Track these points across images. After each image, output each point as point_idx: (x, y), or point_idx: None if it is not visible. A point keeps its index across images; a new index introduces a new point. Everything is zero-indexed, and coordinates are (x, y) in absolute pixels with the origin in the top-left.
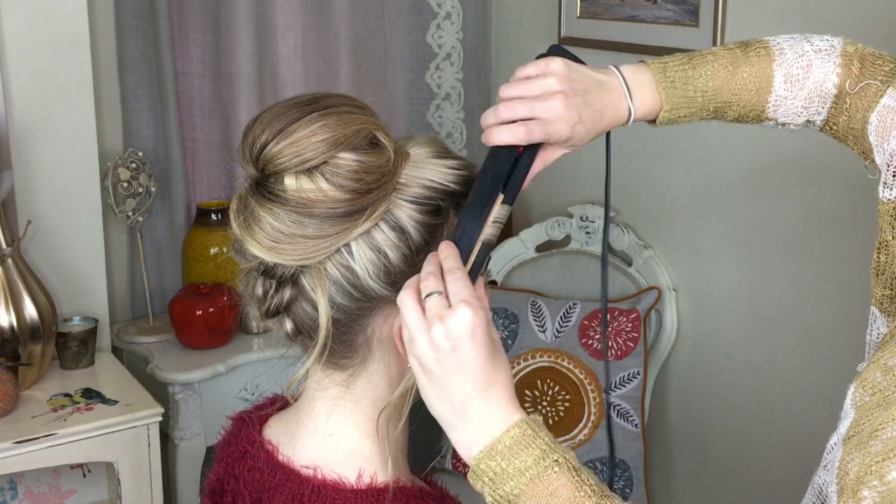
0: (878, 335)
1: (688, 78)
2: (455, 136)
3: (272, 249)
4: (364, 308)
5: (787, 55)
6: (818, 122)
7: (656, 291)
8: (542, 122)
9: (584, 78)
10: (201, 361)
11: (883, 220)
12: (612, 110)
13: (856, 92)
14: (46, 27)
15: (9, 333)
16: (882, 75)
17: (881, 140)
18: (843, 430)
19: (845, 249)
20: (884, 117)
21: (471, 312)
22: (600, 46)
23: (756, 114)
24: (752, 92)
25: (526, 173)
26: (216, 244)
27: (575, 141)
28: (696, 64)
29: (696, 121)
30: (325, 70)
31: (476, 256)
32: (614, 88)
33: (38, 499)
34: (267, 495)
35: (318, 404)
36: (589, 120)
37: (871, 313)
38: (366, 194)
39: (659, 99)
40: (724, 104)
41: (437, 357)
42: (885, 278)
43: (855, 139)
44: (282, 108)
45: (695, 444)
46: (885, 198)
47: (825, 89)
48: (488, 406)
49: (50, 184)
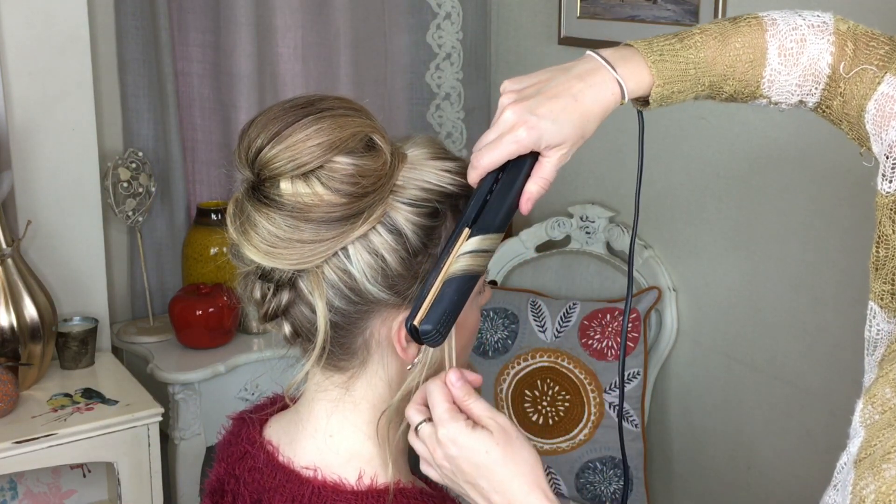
0: (877, 331)
1: (676, 50)
2: (455, 136)
3: (269, 254)
4: (362, 311)
5: (779, 27)
6: (811, 104)
7: (656, 291)
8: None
9: (538, 76)
10: (201, 361)
11: (882, 213)
12: (592, 91)
13: (851, 77)
14: (46, 27)
15: (9, 333)
16: (878, 59)
17: (879, 129)
18: (853, 451)
19: (845, 249)
20: (882, 106)
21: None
22: (600, 46)
23: (751, 90)
24: (747, 63)
25: (509, 194)
26: (216, 244)
27: (552, 139)
28: (682, 37)
29: (692, 98)
30: (325, 70)
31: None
32: (589, 70)
33: (38, 499)
34: (267, 496)
35: (318, 406)
36: (553, 112)
37: (870, 309)
38: (362, 198)
39: (650, 73)
40: (719, 77)
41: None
42: (884, 273)
43: (850, 125)
44: (277, 112)
45: (695, 444)
46: (885, 190)
47: (819, 68)
48: None
49: (50, 184)
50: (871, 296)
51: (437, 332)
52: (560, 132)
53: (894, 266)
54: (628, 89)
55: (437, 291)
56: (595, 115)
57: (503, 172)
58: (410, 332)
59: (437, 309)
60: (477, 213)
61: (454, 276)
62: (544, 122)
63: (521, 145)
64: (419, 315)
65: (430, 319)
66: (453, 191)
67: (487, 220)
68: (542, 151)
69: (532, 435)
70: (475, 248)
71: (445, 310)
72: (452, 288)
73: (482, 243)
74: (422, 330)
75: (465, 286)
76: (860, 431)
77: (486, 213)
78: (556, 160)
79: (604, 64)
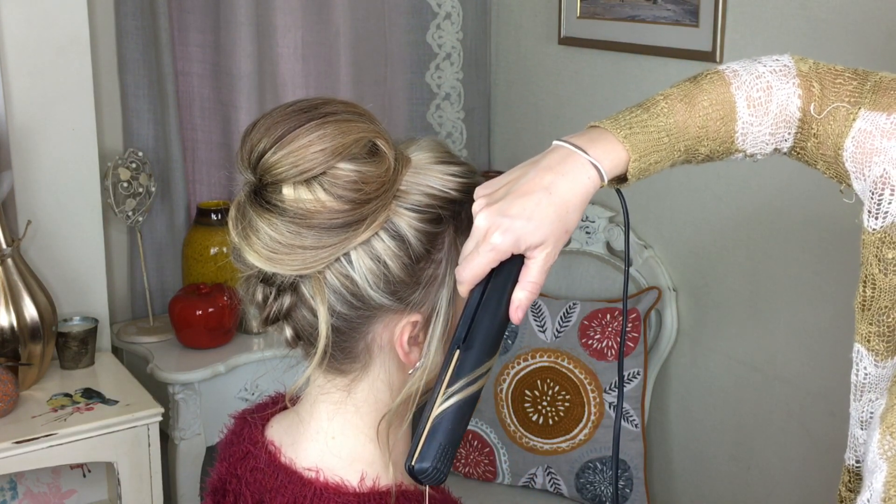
0: (864, 375)
1: (644, 121)
2: (455, 136)
3: (270, 259)
4: (364, 316)
5: (742, 77)
6: (785, 149)
7: (656, 291)
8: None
9: (509, 175)
10: (201, 361)
11: (868, 252)
12: (566, 180)
13: (823, 117)
14: (46, 27)
15: (9, 333)
16: (847, 96)
17: (860, 166)
18: (878, 487)
19: (846, 249)
20: (861, 143)
21: None
22: (600, 46)
23: (726, 146)
24: (718, 121)
25: (498, 308)
26: (216, 244)
27: (531, 239)
28: (647, 107)
29: (669, 167)
30: (325, 70)
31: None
32: (559, 159)
33: (38, 499)
34: (269, 496)
35: (321, 408)
36: (526, 210)
37: (857, 351)
38: (365, 204)
39: (623, 148)
40: (693, 140)
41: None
42: (871, 314)
43: (827, 164)
44: (280, 115)
45: (695, 444)
46: (871, 227)
47: (789, 113)
48: None
49: (50, 184)
50: (858, 338)
51: (436, 470)
52: (538, 230)
53: (881, 307)
54: (605, 170)
55: (430, 428)
56: (574, 205)
57: (489, 282)
58: (410, 474)
59: (432, 446)
60: (466, 332)
61: (448, 409)
62: (518, 221)
63: (498, 251)
64: (415, 455)
65: (427, 457)
66: (457, 196)
67: (478, 340)
68: (526, 253)
69: (532, 435)
70: (467, 380)
71: (441, 444)
72: (448, 419)
73: (474, 371)
74: (417, 469)
75: (462, 413)
76: (882, 465)
77: (476, 330)
78: (541, 261)
79: (574, 150)
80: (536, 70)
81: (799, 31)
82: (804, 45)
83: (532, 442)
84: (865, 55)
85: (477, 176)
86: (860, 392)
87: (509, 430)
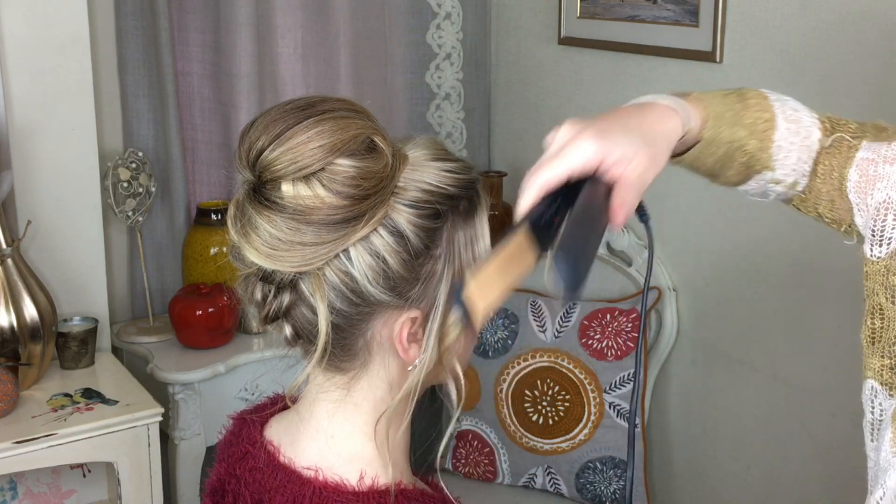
0: (880, 412)
1: (713, 95)
2: (455, 136)
3: (270, 256)
4: (364, 313)
5: (774, 97)
6: (801, 186)
7: (656, 291)
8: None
9: (602, 115)
10: (201, 361)
11: (874, 282)
12: (652, 114)
13: (830, 145)
14: (46, 27)
15: (9, 333)
16: (850, 132)
17: (863, 196)
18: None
19: (846, 249)
20: (864, 170)
21: None
22: (600, 46)
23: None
24: (764, 123)
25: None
26: (216, 244)
27: (623, 150)
28: (708, 91)
29: (721, 155)
30: (325, 70)
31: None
32: (639, 106)
33: (38, 499)
34: (268, 496)
35: (320, 406)
36: (614, 127)
37: (871, 388)
38: (364, 200)
39: (702, 107)
40: (746, 132)
41: None
42: (882, 346)
43: (830, 203)
44: (278, 113)
45: (695, 443)
46: (874, 256)
47: (812, 141)
48: None
49: (50, 184)
50: (870, 374)
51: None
52: (631, 141)
53: (892, 337)
54: (682, 119)
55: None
56: (661, 134)
57: (559, 203)
58: None
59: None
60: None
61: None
62: (608, 132)
63: (585, 157)
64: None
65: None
66: (454, 192)
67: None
68: (612, 172)
69: (532, 435)
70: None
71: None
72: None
73: None
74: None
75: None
76: (895, 463)
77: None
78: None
79: (654, 98)
80: (536, 70)
81: (799, 31)
82: (804, 45)
83: (532, 442)
84: (865, 55)
85: (473, 172)
86: (877, 430)
87: (509, 430)
